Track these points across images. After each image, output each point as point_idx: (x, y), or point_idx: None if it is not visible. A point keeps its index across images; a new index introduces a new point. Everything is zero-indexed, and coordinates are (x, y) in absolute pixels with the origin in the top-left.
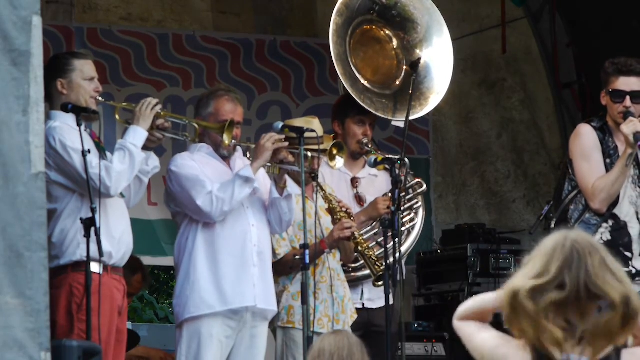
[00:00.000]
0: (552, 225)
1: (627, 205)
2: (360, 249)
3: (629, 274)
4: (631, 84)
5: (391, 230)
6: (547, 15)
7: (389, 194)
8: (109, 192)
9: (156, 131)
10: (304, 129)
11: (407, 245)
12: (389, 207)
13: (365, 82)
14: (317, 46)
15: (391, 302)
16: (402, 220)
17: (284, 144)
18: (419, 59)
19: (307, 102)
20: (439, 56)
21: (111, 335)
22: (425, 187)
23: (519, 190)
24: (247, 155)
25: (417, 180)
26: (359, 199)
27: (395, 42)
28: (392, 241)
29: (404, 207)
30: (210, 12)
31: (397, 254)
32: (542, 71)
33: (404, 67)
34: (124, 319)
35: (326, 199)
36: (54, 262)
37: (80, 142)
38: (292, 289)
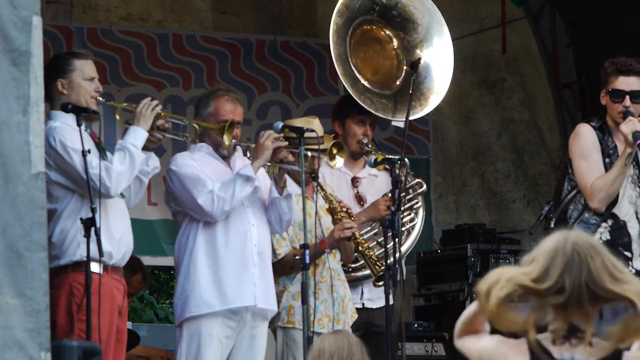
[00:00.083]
0: (552, 225)
1: (626, 204)
2: (360, 249)
3: None
4: (631, 83)
5: (391, 230)
6: (547, 15)
7: (389, 194)
8: (109, 193)
9: (156, 132)
10: (304, 129)
11: (407, 245)
12: (389, 208)
13: (365, 82)
14: (317, 46)
15: (391, 302)
16: (402, 220)
17: (283, 143)
18: (419, 59)
19: (307, 102)
20: (439, 56)
21: (111, 335)
22: (425, 187)
23: (519, 190)
24: (247, 154)
25: (417, 180)
26: (359, 199)
27: (395, 42)
28: (392, 241)
29: (404, 207)
30: (210, 12)
31: (397, 254)
32: (542, 71)
33: (404, 67)
34: (124, 319)
35: (326, 198)
36: (54, 262)
37: (80, 142)
38: (292, 288)
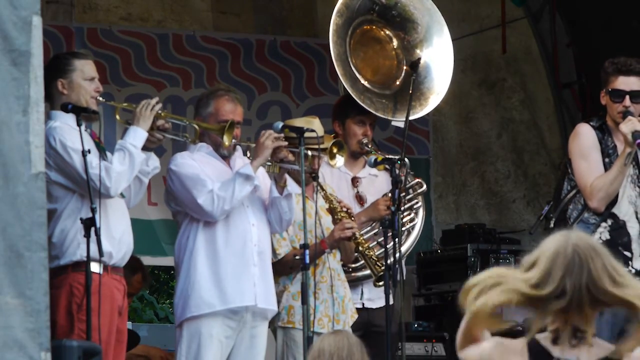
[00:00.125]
0: (552, 224)
1: (626, 204)
2: (360, 249)
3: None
4: (630, 83)
5: (391, 230)
6: (547, 15)
7: (389, 194)
8: (109, 193)
9: (156, 132)
10: (304, 128)
11: (407, 245)
12: (389, 208)
13: (365, 82)
14: (317, 46)
15: (391, 302)
16: (402, 220)
17: (283, 142)
18: (419, 59)
19: (307, 102)
20: (439, 56)
21: (111, 335)
22: (425, 187)
23: (519, 190)
24: (247, 154)
25: (417, 180)
26: (360, 199)
27: (395, 42)
28: (392, 241)
29: (404, 207)
30: (210, 12)
31: (397, 254)
32: (542, 71)
33: (404, 67)
34: (124, 319)
35: (326, 198)
36: (54, 262)
37: (80, 142)
38: (292, 288)
